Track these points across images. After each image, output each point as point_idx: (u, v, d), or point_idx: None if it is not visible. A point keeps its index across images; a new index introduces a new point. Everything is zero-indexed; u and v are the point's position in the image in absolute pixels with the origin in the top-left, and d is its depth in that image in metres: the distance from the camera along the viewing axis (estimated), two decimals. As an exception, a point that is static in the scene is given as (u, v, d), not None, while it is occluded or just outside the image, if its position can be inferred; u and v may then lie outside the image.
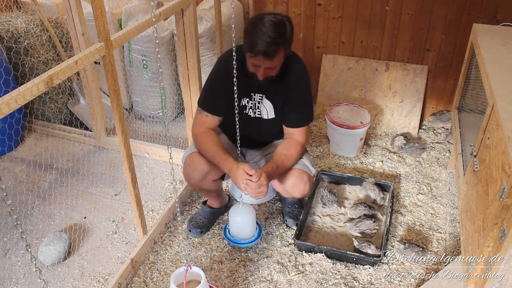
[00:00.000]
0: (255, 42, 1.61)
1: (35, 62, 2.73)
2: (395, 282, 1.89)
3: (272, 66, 1.70)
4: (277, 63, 1.70)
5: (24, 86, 1.24)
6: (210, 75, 1.92)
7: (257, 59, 1.66)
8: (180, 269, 1.62)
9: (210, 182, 1.95)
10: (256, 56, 1.64)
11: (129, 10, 2.74)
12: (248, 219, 1.91)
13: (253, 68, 1.73)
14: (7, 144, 2.72)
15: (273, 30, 1.60)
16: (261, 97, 1.90)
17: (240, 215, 1.91)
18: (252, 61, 1.69)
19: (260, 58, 1.64)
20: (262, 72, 1.70)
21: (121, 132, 1.73)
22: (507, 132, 1.33)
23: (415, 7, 2.66)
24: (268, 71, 1.72)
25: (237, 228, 1.94)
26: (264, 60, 1.65)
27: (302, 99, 1.90)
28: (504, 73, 1.70)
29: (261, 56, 1.62)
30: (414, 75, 2.84)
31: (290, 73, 1.84)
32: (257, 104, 1.92)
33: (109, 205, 2.35)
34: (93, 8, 1.51)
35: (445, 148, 2.74)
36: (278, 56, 1.66)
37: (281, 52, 1.67)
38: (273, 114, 1.93)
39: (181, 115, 3.12)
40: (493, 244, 1.30)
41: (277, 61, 1.68)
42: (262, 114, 1.93)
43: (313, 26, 2.94)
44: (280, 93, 1.88)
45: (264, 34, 1.59)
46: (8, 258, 2.04)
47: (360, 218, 2.13)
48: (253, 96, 1.90)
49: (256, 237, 1.96)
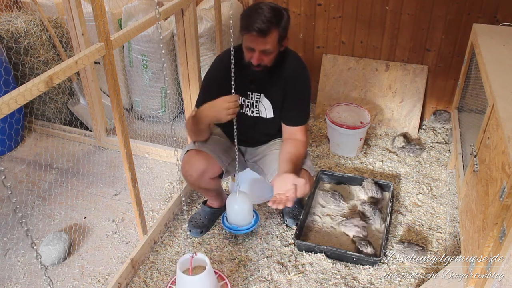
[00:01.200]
0: (251, 21, 1.63)
1: (35, 62, 2.73)
2: (395, 282, 1.89)
3: (266, 48, 1.68)
4: (271, 45, 1.69)
5: (24, 86, 1.24)
6: (206, 74, 1.93)
7: (251, 37, 1.66)
8: (185, 256, 1.63)
9: (208, 180, 1.95)
10: (250, 33, 1.65)
11: (129, 10, 2.74)
12: (245, 207, 1.94)
13: (248, 54, 1.72)
14: (7, 144, 2.72)
15: (269, 12, 1.64)
16: (258, 96, 1.90)
17: (237, 203, 1.93)
18: (247, 43, 1.69)
19: (254, 35, 1.64)
20: (256, 56, 1.70)
21: (121, 132, 1.73)
22: (507, 132, 1.33)
23: (415, 7, 2.66)
24: (263, 56, 1.71)
25: (234, 216, 1.97)
26: (258, 38, 1.65)
27: (301, 96, 1.90)
28: (504, 73, 1.70)
29: (255, 33, 1.63)
30: (414, 75, 2.84)
31: (287, 69, 1.84)
32: (255, 103, 1.92)
33: (109, 205, 2.35)
34: (93, 8, 1.51)
35: (445, 148, 2.74)
36: (271, 36, 1.66)
37: (275, 32, 1.67)
38: (271, 113, 1.93)
39: (181, 115, 3.12)
40: (493, 244, 1.30)
41: (270, 42, 1.68)
42: (261, 113, 1.94)
43: (313, 26, 2.94)
44: (278, 91, 1.88)
45: (260, 14, 1.63)
46: (8, 258, 2.04)
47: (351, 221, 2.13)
48: (250, 95, 1.91)
49: (253, 224, 1.99)
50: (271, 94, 1.90)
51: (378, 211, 2.17)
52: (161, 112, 3.03)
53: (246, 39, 1.69)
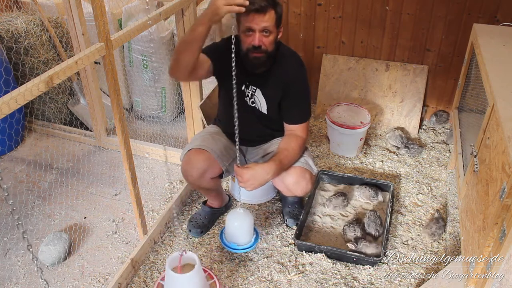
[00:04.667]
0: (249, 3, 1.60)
1: (35, 62, 2.73)
2: (395, 282, 1.89)
3: (266, 25, 1.68)
4: (270, 23, 1.69)
5: (24, 86, 1.24)
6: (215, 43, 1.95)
7: (249, 17, 1.66)
8: (175, 253, 1.63)
9: (208, 180, 1.95)
10: (248, 14, 1.65)
11: (129, 10, 2.74)
12: (245, 225, 1.82)
13: (248, 38, 1.72)
14: (7, 144, 2.72)
15: None
16: (254, 89, 1.91)
17: (238, 220, 1.81)
18: (246, 24, 1.69)
19: (252, 14, 1.65)
20: (257, 36, 1.70)
21: (121, 132, 1.73)
22: (507, 132, 1.33)
23: (415, 7, 2.66)
24: (263, 37, 1.71)
25: (234, 233, 1.84)
26: (257, 16, 1.65)
27: (301, 94, 1.91)
28: (504, 73, 1.70)
29: (254, 12, 1.64)
30: (414, 75, 2.84)
31: (286, 68, 1.84)
32: (252, 93, 1.92)
33: (109, 205, 2.35)
34: (93, 8, 1.51)
35: (445, 148, 2.74)
36: (270, 14, 1.67)
37: (272, 12, 1.68)
38: (265, 110, 1.93)
39: (181, 115, 3.12)
40: (493, 244, 1.30)
41: (270, 20, 1.68)
42: (256, 105, 1.94)
43: (313, 26, 2.94)
44: (275, 90, 1.87)
45: None
46: (8, 258, 2.04)
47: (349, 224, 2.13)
48: (248, 85, 1.91)
49: (253, 243, 1.86)
50: (267, 92, 1.90)
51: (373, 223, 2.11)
52: (161, 112, 3.03)
53: (245, 20, 1.69)
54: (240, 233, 1.83)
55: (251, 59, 1.75)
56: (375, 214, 2.14)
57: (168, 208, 2.18)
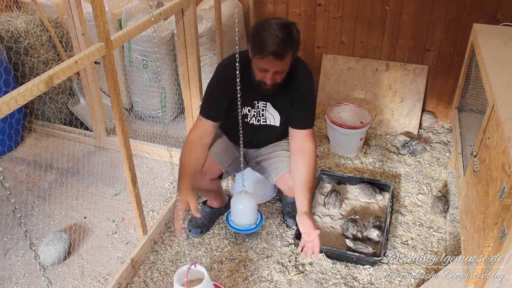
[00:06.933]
0: (265, 43, 1.57)
1: (35, 62, 2.73)
2: (395, 282, 1.89)
3: (281, 69, 1.65)
4: (285, 66, 1.66)
5: (24, 86, 1.24)
6: (210, 82, 1.87)
7: (266, 60, 1.60)
8: (183, 267, 1.61)
9: (207, 181, 1.95)
10: (265, 57, 1.59)
11: (129, 10, 2.74)
12: (250, 207, 1.95)
13: (261, 74, 1.68)
14: (7, 144, 2.72)
15: (281, 31, 1.58)
16: (265, 105, 1.86)
17: (242, 203, 1.94)
18: (261, 64, 1.64)
19: (270, 59, 1.59)
20: (270, 76, 1.66)
21: (121, 132, 1.73)
22: (507, 132, 1.33)
23: (415, 7, 2.66)
24: (276, 76, 1.67)
25: (239, 216, 1.98)
26: (274, 61, 1.60)
27: (309, 99, 1.87)
28: (504, 73, 1.70)
29: (271, 56, 1.58)
30: (414, 75, 2.84)
31: (295, 77, 1.80)
32: (261, 112, 1.88)
33: (109, 205, 2.35)
34: (93, 8, 1.51)
35: (445, 148, 2.74)
36: (287, 58, 1.62)
37: (289, 54, 1.63)
38: (278, 122, 1.90)
39: (181, 115, 3.12)
40: (493, 244, 1.30)
41: (285, 63, 1.65)
42: (268, 121, 1.90)
43: (313, 26, 2.94)
44: (286, 99, 1.83)
45: (273, 35, 1.56)
46: (8, 258, 2.04)
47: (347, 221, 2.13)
48: (256, 104, 1.87)
49: (258, 224, 2.01)
50: (278, 104, 1.86)
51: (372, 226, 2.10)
52: (161, 112, 3.03)
53: (260, 61, 1.63)
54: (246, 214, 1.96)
55: (262, 90, 1.74)
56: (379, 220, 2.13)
57: (168, 208, 2.18)
